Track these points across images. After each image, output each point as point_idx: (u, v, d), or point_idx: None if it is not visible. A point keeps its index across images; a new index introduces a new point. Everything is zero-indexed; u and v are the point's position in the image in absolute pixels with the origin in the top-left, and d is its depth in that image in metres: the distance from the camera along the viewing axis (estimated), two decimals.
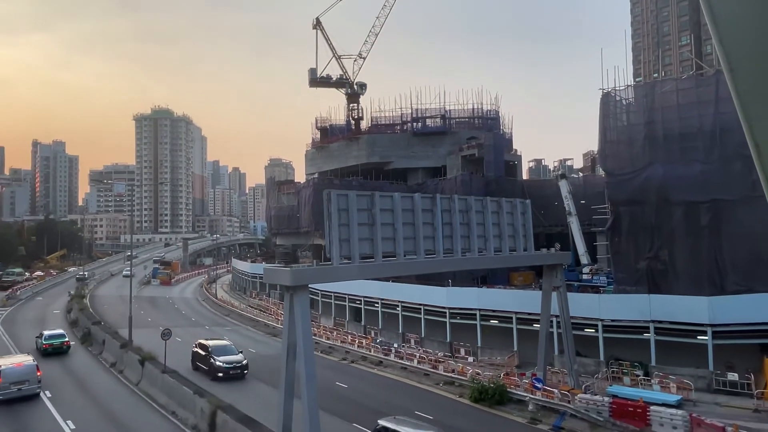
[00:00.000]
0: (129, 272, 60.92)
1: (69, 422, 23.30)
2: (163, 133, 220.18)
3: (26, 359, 28.98)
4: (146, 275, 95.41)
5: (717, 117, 33.12)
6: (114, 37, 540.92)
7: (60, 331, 39.65)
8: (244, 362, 32.11)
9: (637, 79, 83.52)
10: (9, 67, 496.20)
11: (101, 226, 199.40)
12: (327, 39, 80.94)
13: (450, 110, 68.98)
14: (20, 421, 23.78)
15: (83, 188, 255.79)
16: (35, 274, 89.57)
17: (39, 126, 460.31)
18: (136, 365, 30.10)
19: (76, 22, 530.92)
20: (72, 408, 25.33)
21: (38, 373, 27.35)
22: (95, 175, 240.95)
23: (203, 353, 33.05)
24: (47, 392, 27.75)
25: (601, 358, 31.86)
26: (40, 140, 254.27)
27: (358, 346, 40.23)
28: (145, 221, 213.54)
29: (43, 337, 37.17)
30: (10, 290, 69.26)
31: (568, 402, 24.99)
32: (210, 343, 34.41)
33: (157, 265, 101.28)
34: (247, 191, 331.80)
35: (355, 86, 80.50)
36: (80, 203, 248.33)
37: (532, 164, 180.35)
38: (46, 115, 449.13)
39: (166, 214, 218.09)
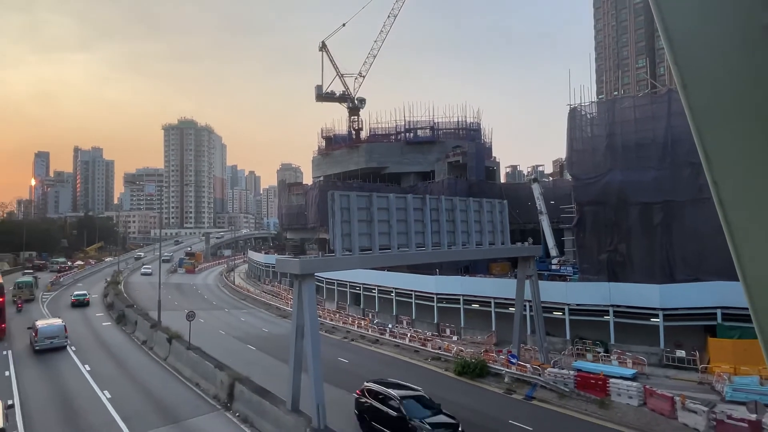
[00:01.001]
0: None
1: (105, 392, 23.20)
2: (188, 141, 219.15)
3: (57, 321, 33.67)
4: (173, 265, 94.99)
5: (669, 129, 33.25)
6: (146, 58, 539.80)
7: (84, 291, 52.13)
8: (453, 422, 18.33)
9: (599, 97, 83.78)
10: (55, 83, 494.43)
11: (134, 221, 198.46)
12: (331, 60, 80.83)
13: (438, 122, 68.95)
14: (65, 391, 23.64)
15: (118, 188, 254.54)
16: (76, 263, 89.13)
17: (80, 134, 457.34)
18: (164, 343, 30.04)
19: (114, 44, 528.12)
20: (108, 380, 25.24)
21: (65, 332, 31.99)
22: (129, 177, 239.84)
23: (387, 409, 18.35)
24: (87, 366, 27.70)
25: (568, 337, 32.03)
26: (81, 147, 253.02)
27: (357, 327, 40.31)
28: (172, 218, 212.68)
29: (72, 295, 50.97)
30: (55, 277, 68.99)
31: (539, 375, 25.11)
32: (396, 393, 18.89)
33: (183, 256, 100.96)
34: (261, 192, 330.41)
35: (356, 101, 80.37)
36: (115, 202, 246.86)
37: (508, 169, 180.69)
38: (86, 124, 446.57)
39: (191, 212, 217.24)
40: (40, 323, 32.16)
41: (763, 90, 1.30)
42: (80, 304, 48.49)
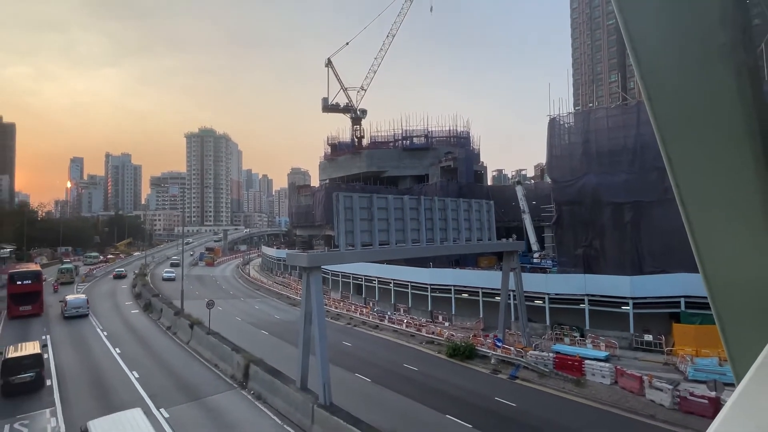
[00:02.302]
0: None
1: (134, 372, 23.23)
2: (208, 147, 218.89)
3: (81, 296, 40.53)
4: (194, 258, 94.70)
5: (638, 137, 33.25)
6: (169, 72, 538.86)
7: (122, 268, 64.06)
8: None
9: (576, 108, 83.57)
10: (88, 96, 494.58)
11: (159, 219, 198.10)
12: (336, 74, 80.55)
13: (432, 131, 68.86)
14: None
15: (145, 190, 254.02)
16: (107, 257, 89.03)
17: (110, 141, 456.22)
18: (186, 328, 30.04)
19: (141, 60, 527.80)
20: (136, 361, 25.27)
21: (88, 304, 38.30)
22: (154, 180, 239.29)
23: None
24: (117, 349, 27.71)
25: (547, 323, 32.05)
26: (111, 152, 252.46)
27: (359, 314, 40.30)
28: (194, 216, 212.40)
29: (114, 270, 63.04)
30: (88, 270, 68.87)
31: (522, 357, 25.17)
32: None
33: (204, 251, 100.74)
34: (273, 193, 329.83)
35: (358, 112, 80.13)
36: (143, 202, 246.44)
37: (495, 173, 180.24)
38: (116, 132, 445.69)
39: (210, 211, 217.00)
40: (69, 297, 39.18)
41: (721, 102, 1.31)
42: (119, 276, 62.83)
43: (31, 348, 21.98)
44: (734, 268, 1.53)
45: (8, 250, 74.94)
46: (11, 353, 21.25)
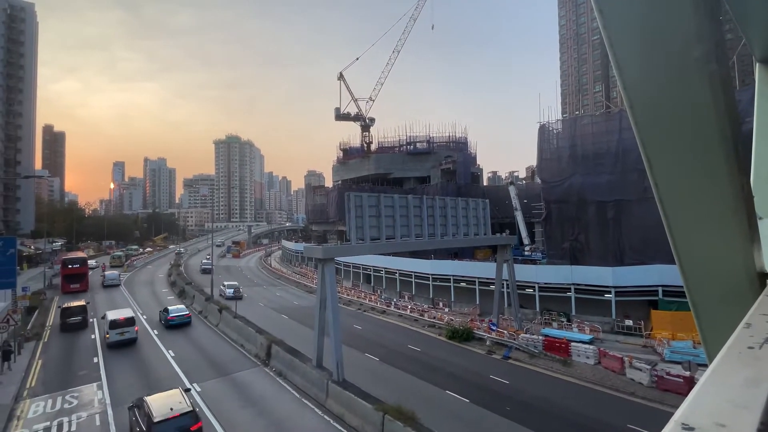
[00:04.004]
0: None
1: (170, 351, 23.51)
2: (234, 153, 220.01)
3: (115, 272, 49.10)
4: (222, 251, 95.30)
5: (620, 142, 32.83)
6: (200, 86, 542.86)
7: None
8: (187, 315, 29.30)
9: (564, 115, 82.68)
10: (129, 107, 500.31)
11: (191, 216, 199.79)
12: (347, 87, 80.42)
13: (433, 137, 68.48)
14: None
15: (179, 190, 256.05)
16: (146, 250, 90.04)
17: (148, 147, 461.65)
18: (215, 313, 30.31)
19: (175, 74, 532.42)
20: (171, 342, 25.57)
21: (120, 277, 45.83)
22: (187, 181, 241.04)
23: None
24: (155, 331, 28.02)
25: (537, 309, 31.87)
26: (149, 157, 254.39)
27: (368, 301, 40.38)
28: (222, 213, 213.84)
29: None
30: (129, 260, 69.74)
31: (514, 339, 25.07)
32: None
33: (230, 244, 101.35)
34: (291, 193, 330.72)
35: (367, 120, 79.96)
36: (177, 201, 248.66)
37: (490, 174, 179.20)
38: (153, 139, 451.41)
39: (236, 209, 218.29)
40: (107, 272, 47.92)
41: (696, 110, 1.29)
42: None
43: (78, 305, 29.06)
44: (707, 261, 1.52)
45: (60, 243, 76.30)
46: (67, 304, 29.00)
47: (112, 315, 24.93)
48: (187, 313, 29.45)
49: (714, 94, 1.25)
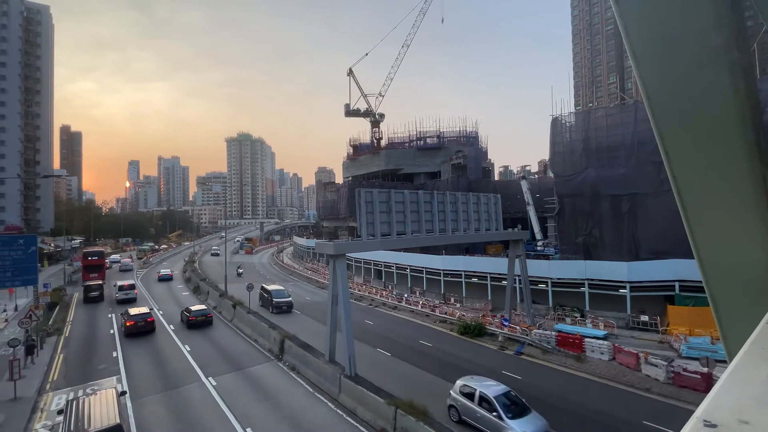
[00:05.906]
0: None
1: (186, 346, 23.95)
2: (246, 150, 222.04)
3: (128, 259, 58.51)
4: (235, 247, 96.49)
5: (635, 134, 32.14)
6: (212, 85, 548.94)
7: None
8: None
9: (577, 108, 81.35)
10: (143, 106, 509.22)
11: (204, 214, 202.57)
12: (357, 83, 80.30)
13: (443, 131, 68.05)
14: (160, 353, 24.44)
15: (192, 188, 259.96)
16: (161, 246, 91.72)
17: (162, 146, 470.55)
18: (229, 308, 30.75)
19: (187, 74, 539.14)
20: (187, 337, 26.03)
21: (132, 263, 51.93)
22: (200, 179, 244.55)
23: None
24: (171, 326, 28.56)
25: (550, 304, 31.59)
26: (163, 156, 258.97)
27: (380, 296, 40.48)
28: (234, 210, 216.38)
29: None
30: (145, 257, 71.15)
31: (527, 335, 24.90)
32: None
33: (243, 240, 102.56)
34: (302, 189, 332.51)
35: (377, 116, 79.81)
36: (190, 198, 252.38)
37: (501, 169, 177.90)
38: (166, 138, 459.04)
39: (248, 206, 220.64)
40: (123, 260, 59.33)
41: (715, 99, 1.26)
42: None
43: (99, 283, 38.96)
44: (727, 254, 1.48)
45: (78, 240, 78.22)
46: (89, 283, 38.64)
47: (120, 282, 38.72)
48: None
49: (735, 84, 1.22)
